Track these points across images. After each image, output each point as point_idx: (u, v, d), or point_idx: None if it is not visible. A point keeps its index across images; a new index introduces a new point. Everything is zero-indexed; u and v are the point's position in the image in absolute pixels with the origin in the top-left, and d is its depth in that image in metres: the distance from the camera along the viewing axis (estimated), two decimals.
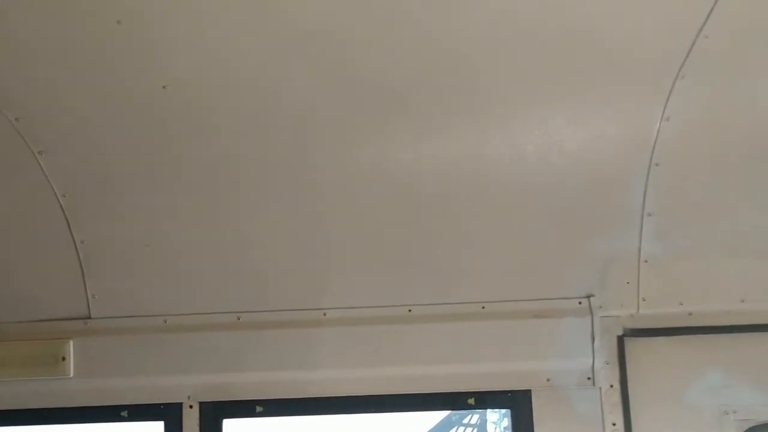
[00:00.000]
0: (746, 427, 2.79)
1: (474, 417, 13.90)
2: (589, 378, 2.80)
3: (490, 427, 13.79)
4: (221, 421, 2.90)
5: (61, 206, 2.76)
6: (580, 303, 2.82)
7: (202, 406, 2.88)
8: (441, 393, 2.86)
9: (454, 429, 14.09)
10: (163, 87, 2.44)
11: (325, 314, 2.87)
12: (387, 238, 2.81)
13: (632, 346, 2.81)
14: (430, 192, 2.74)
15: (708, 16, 2.31)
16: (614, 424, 2.78)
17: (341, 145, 2.66)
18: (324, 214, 2.79)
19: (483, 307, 2.84)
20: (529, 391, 2.82)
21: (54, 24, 2.28)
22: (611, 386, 2.81)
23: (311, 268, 2.85)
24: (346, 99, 2.55)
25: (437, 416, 13.23)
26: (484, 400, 2.86)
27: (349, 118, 2.59)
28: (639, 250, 2.76)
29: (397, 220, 2.78)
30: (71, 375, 2.89)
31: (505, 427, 13.80)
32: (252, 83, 2.46)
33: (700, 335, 2.79)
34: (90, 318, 2.92)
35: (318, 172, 2.71)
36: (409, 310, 2.86)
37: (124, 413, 2.91)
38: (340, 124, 2.63)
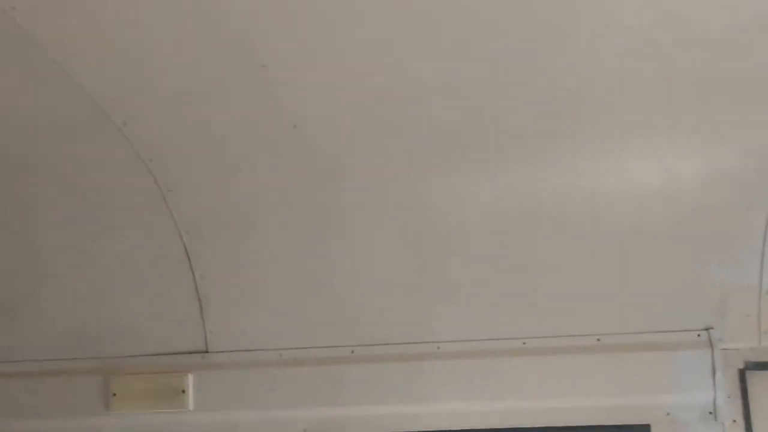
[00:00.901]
0: None
1: None
2: (710, 412, 2.74)
3: None
4: None
5: (183, 243, 2.86)
6: (698, 335, 2.77)
7: None
8: (557, 427, 2.83)
9: None
10: (294, 126, 2.54)
11: (438, 347, 2.88)
12: (501, 269, 2.82)
13: (755, 379, 2.74)
14: (544, 224, 2.75)
15: None
16: None
17: (458, 177, 2.70)
18: (438, 246, 2.82)
19: (598, 340, 2.81)
20: (648, 425, 2.76)
21: (201, 67, 2.39)
22: (734, 421, 2.74)
23: (424, 300, 2.87)
24: (467, 130, 2.59)
25: None
26: None
27: (467, 149, 2.63)
28: (760, 281, 2.71)
29: (511, 251, 2.79)
30: (191, 408, 2.96)
31: None
32: (378, 121, 2.54)
33: None
34: (207, 352, 3.00)
35: (433, 204, 2.75)
36: (524, 343, 2.86)
37: None
38: (460, 156, 2.67)
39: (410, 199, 2.73)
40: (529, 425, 2.84)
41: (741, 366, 2.76)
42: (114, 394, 3.00)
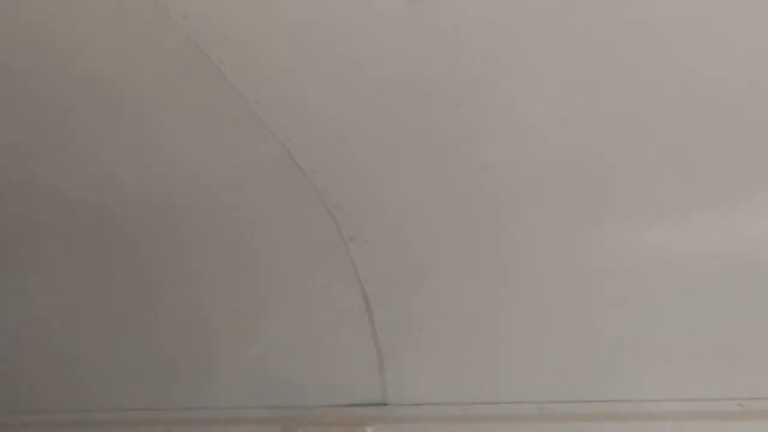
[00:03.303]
0: None
1: None
2: None
3: None
4: None
5: (363, 292, 2.78)
6: None
7: None
8: None
9: None
10: (484, 170, 2.40)
11: (636, 406, 2.62)
12: (708, 321, 2.50)
13: None
14: (754, 270, 2.43)
15: None
16: None
17: (656, 219, 2.45)
18: (635, 295, 2.55)
19: None
20: None
21: (405, 115, 2.32)
22: None
23: (622, 354, 2.60)
24: (654, 174, 2.36)
25: None
26: None
27: (671, 196, 2.38)
28: None
29: (720, 301, 2.48)
30: None
31: None
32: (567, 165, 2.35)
33: None
34: (386, 405, 2.88)
35: (631, 251, 2.50)
36: (740, 405, 2.53)
37: None
38: (647, 204, 2.42)
39: (610, 246, 2.50)
40: None
41: None
42: None
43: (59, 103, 2.60)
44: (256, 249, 2.84)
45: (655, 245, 2.47)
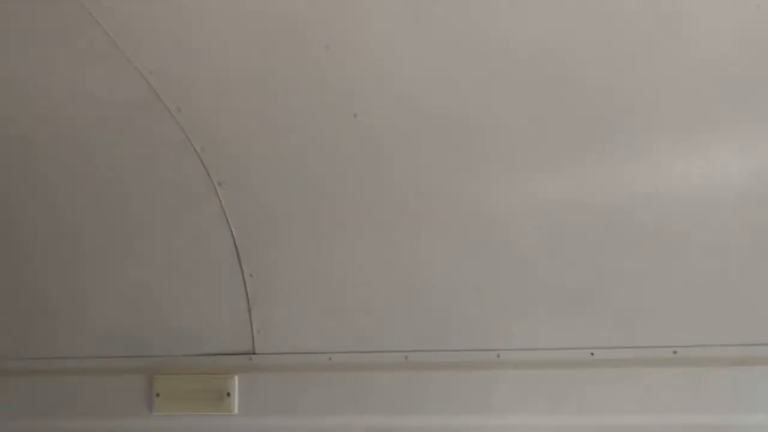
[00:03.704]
0: None
1: None
2: None
3: None
4: None
5: (233, 239, 2.73)
6: None
7: None
8: None
9: None
10: (354, 115, 2.40)
11: (498, 356, 2.69)
12: (567, 274, 2.61)
13: None
14: (618, 228, 2.54)
15: None
16: None
17: (523, 176, 2.52)
18: (500, 249, 2.63)
19: (675, 352, 2.58)
20: None
21: (257, 49, 2.27)
22: None
23: (485, 305, 2.68)
24: (535, 130, 2.42)
25: None
26: None
27: (534, 148, 2.44)
28: None
29: (582, 255, 2.59)
30: (236, 411, 2.82)
31: None
32: (439, 112, 2.38)
33: None
34: (254, 354, 2.86)
35: (496, 204, 2.56)
36: (592, 354, 2.64)
37: None
38: (525, 156, 2.49)
39: (472, 200, 2.56)
40: None
41: None
42: (157, 395, 2.89)
43: None
44: (122, 191, 2.73)
45: (518, 195, 2.55)
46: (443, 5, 2.21)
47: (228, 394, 2.83)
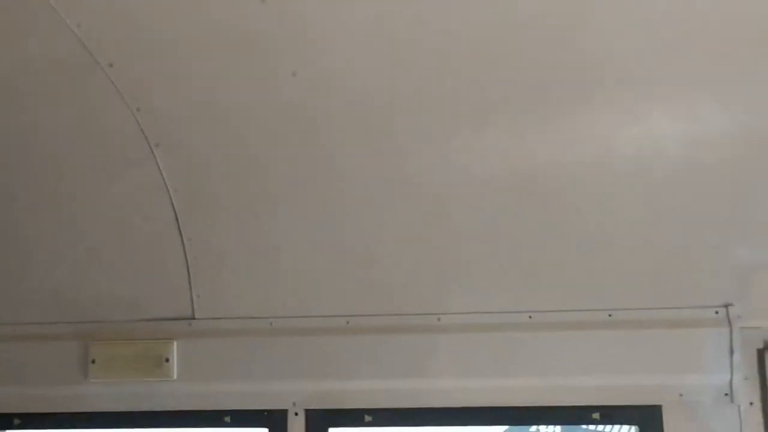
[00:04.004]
0: None
1: None
2: (726, 394, 2.59)
3: None
4: (328, 430, 2.76)
5: (172, 202, 2.67)
6: (716, 312, 2.61)
7: (309, 413, 2.74)
8: (563, 406, 2.68)
9: None
10: (293, 74, 2.35)
11: (439, 319, 2.71)
12: (507, 239, 2.64)
13: None
14: (553, 190, 2.57)
15: None
16: None
17: (456, 142, 2.51)
18: (440, 216, 2.64)
19: (610, 315, 2.65)
20: (660, 406, 2.61)
21: (193, 10, 2.20)
22: (751, 404, 2.58)
23: (425, 270, 2.69)
24: (468, 88, 2.41)
25: None
26: (611, 415, 2.66)
27: (468, 110, 2.44)
28: None
29: (518, 220, 2.62)
30: (174, 377, 2.79)
31: None
32: (383, 76, 2.35)
33: None
34: (194, 319, 2.82)
35: (433, 171, 2.56)
36: (530, 317, 2.68)
37: (227, 418, 2.79)
38: (459, 119, 2.48)
39: (410, 167, 2.55)
40: (533, 404, 2.68)
41: (760, 346, 2.61)
42: (93, 361, 2.83)
43: None
44: (54, 152, 2.64)
45: (454, 163, 2.55)
46: None
47: (167, 360, 2.79)
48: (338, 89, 2.40)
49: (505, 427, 2.89)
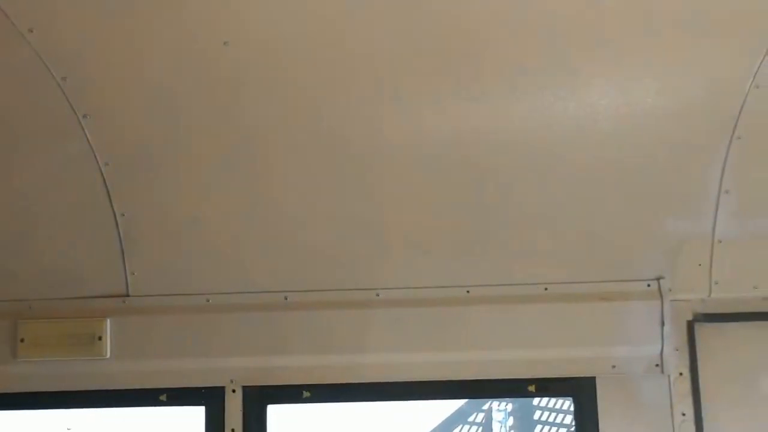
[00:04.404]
0: None
1: (479, 416, 13.79)
2: (657, 365, 2.65)
3: (495, 426, 13.68)
4: (266, 407, 2.73)
5: (102, 176, 2.59)
6: (648, 285, 2.67)
7: (246, 390, 2.71)
8: (500, 379, 2.71)
9: (459, 427, 13.98)
10: (225, 43, 2.29)
11: (378, 295, 2.71)
12: (444, 214, 2.65)
13: (703, 331, 2.66)
14: (491, 165, 2.59)
15: None
16: (684, 414, 2.63)
17: (394, 113, 2.50)
18: (377, 189, 2.64)
19: (546, 289, 2.69)
20: (594, 378, 2.67)
21: None
22: (681, 374, 2.65)
23: (363, 246, 2.69)
24: (400, 58, 2.39)
25: (449, 408, 13.08)
26: (546, 387, 2.71)
27: (402, 80, 2.42)
28: (713, 229, 2.61)
29: (455, 195, 2.63)
30: (107, 356, 2.72)
31: (510, 427, 13.69)
32: (319, 41, 2.31)
33: None
34: (128, 296, 2.75)
35: (370, 144, 2.56)
36: (467, 292, 2.70)
37: (163, 397, 2.75)
38: (395, 89, 2.47)
39: (347, 140, 2.52)
40: (470, 377, 2.70)
41: (690, 318, 2.68)
42: (22, 340, 2.73)
43: None
44: None
45: (395, 137, 2.54)
46: None
47: (99, 338, 2.72)
48: (269, 59, 2.36)
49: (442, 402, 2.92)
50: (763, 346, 2.66)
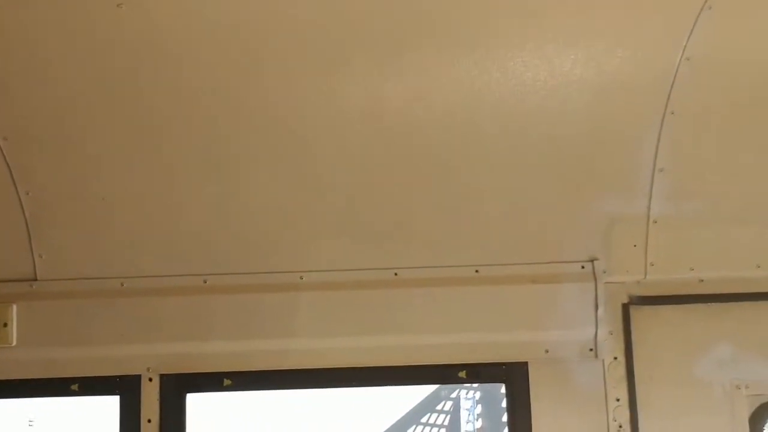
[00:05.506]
0: (759, 403, 2.59)
1: (447, 404, 13.82)
2: (591, 349, 2.56)
3: (463, 414, 13.69)
4: (185, 396, 2.61)
5: (2, 153, 2.44)
6: (582, 267, 2.58)
7: (164, 378, 2.58)
8: (430, 365, 2.60)
9: (427, 416, 14.00)
10: (118, 5, 2.13)
11: (301, 278, 2.59)
12: (371, 195, 2.53)
13: (638, 314, 2.58)
14: (418, 144, 2.47)
15: None
16: (618, 399, 2.55)
17: (315, 93, 2.38)
18: (301, 168, 2.50)
19: (476, 271, 2.59)
20: (526, 363, 2.58)
21: None
22: (615, 358, 2.57)
23: (287, 226, 2.56)
24: (329, 38, 2.28)
25: (418, 396, 13.12)
26: (477, 373, 2.61)
27: (332, 60, 2.30)
28: (648, 209, 2.52)
29: (383, 175, 2.51)
30: (14, 343, 2.57)
31: (478, 414, 13.69)
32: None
33: (711, 303, 2.57)
34: (36, 280, 2.60)
35: (294, 121, 2.42)
36: (395, 274, 2.59)
37: (75, 387, 2.61)
38: (323, 67, 2.34)
39: (267, 115, 2.39)
40: (399, 363, 2.59)
41: (625, 300, 2.60)
42: None
43: None
44: None
45: (320, 118, 2.41)
46: None
47: (5, 325, 2.56)
48: (172, 23, 2.21)
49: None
50: (699, 329, 2.58)
